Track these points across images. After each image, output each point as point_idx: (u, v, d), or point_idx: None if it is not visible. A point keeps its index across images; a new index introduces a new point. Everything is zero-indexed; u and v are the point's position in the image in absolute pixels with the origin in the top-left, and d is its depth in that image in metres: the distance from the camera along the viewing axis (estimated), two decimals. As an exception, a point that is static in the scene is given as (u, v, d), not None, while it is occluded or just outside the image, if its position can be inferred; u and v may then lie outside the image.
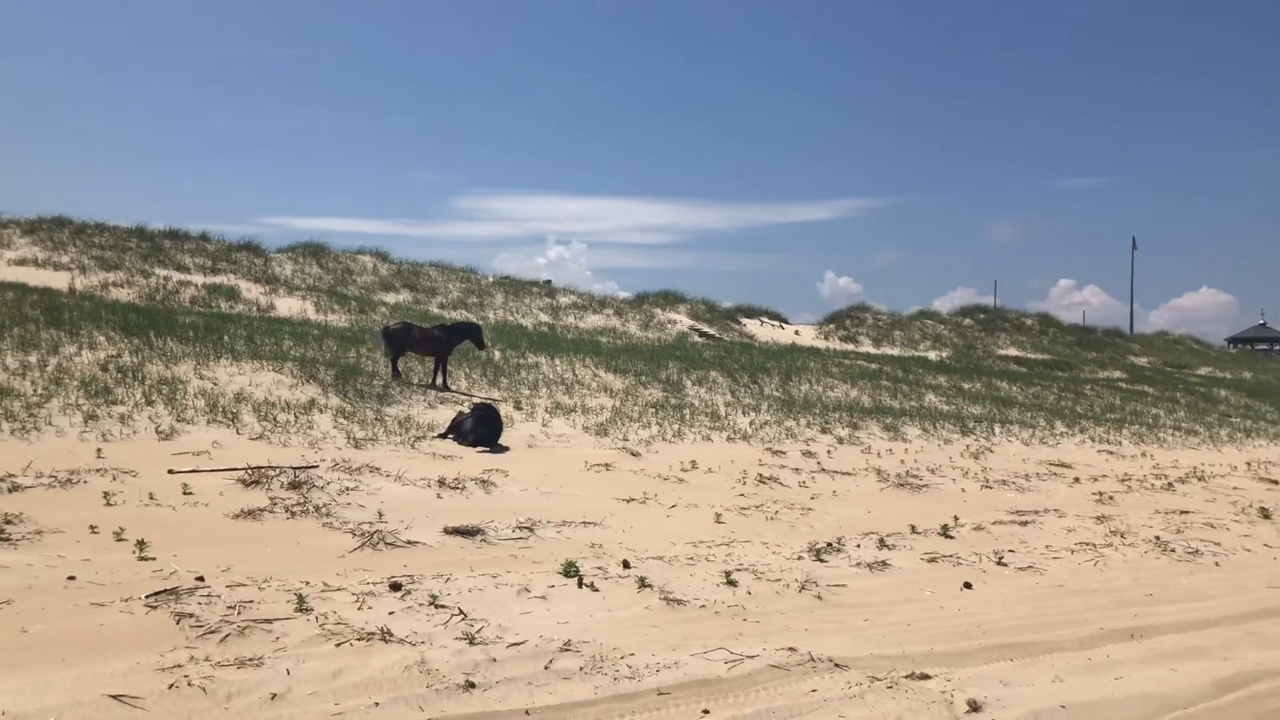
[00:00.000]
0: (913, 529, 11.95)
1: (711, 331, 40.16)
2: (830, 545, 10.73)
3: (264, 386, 16.84)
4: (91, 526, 9.05)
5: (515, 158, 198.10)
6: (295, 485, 11.46)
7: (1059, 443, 22.74)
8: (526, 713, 5.74)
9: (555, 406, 19.07)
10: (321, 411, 15.98)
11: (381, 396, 17.74)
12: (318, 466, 12.55)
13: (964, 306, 60.24)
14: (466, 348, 21.78)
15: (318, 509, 10.63)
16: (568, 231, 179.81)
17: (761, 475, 15.22)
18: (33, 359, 16.09)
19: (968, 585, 9.48)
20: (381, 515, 10.56)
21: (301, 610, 7.06)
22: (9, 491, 10.29)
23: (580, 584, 8.42)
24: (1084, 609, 8.90)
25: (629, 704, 5.97)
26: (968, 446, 20.55)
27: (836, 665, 6.82)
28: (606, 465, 14.90)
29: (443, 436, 15.65)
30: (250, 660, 6.09)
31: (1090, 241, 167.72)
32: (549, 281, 43.58)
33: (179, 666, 5.91)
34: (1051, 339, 56.36)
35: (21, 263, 29.02)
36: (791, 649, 7.07)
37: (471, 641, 6.70)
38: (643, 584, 8.49)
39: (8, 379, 14.90)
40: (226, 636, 6.47)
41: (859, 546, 10.87)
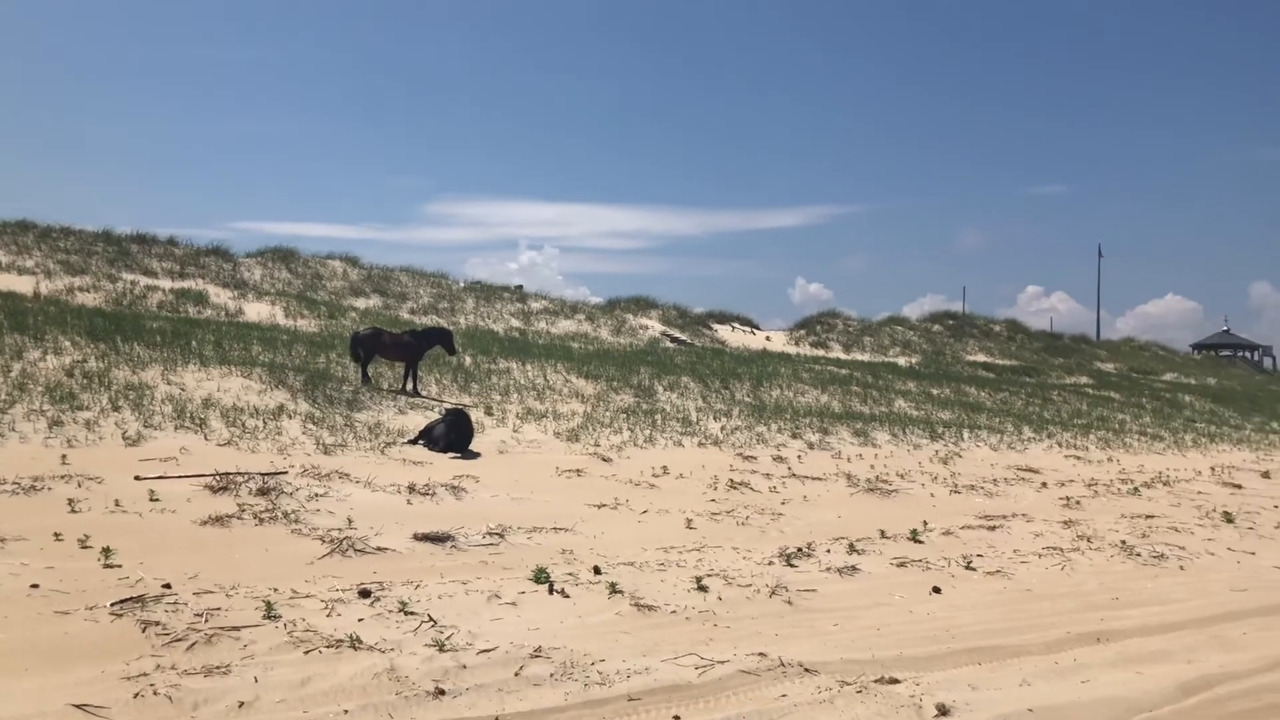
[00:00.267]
0: (882, 534, 12.01)
1: (683, 337, 40.22)
2: (800, 550, 10.77)
3: (232, 392, 16.71)
4: (56, 534, 8.94)
5: (487, 163, 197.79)
6: (264, 491, 11.38)
7: (1027, 448, 22.94)
8: (497, 719, 5.72)
9: (526, 412, 19.04)
10: (290, 417, 15.88)
11: (351, 402, 17.65)
12: (286, 472, 12.46)
13: (933, 313, 60.72)
14: (437, 353, 21.70)
15: (286, 515, 10.56)
16: (540, 236, 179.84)
17: (732, 480, 15.25)
18: (-4, 364, 15.89)
19: (936, 590, 9.54)
20: (351, 521, 10.50)
21: (270, 618, 7.00)
22: (-29, 498, 10.15)
23: (551, 590, 8.40)
24: (1051, 613, 8.98)
25: (600, 710, 5.96)
26: (937, 452, 20.68)
27: (806, 670, 6.85)
28: (578, 471, 14.89)
29: (413, 442, 15.59)
30: (217, 668, 6.04)
31: (1057, 249, 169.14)
32: (520, 287, 43.53)
33: (145, 675, 5.85)
34: (1019, 345, 56.85)
35: (-15, 266, 28.66)
36: (762, 654, 7.10)
37: (441, 648, 6.67)
38: (613, 590, 8.48)
39: (-30, 384, 14.70)
40: (193, 644, 6.41)
41: (829, 551, 10.92)
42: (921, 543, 11.76)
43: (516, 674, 6.37)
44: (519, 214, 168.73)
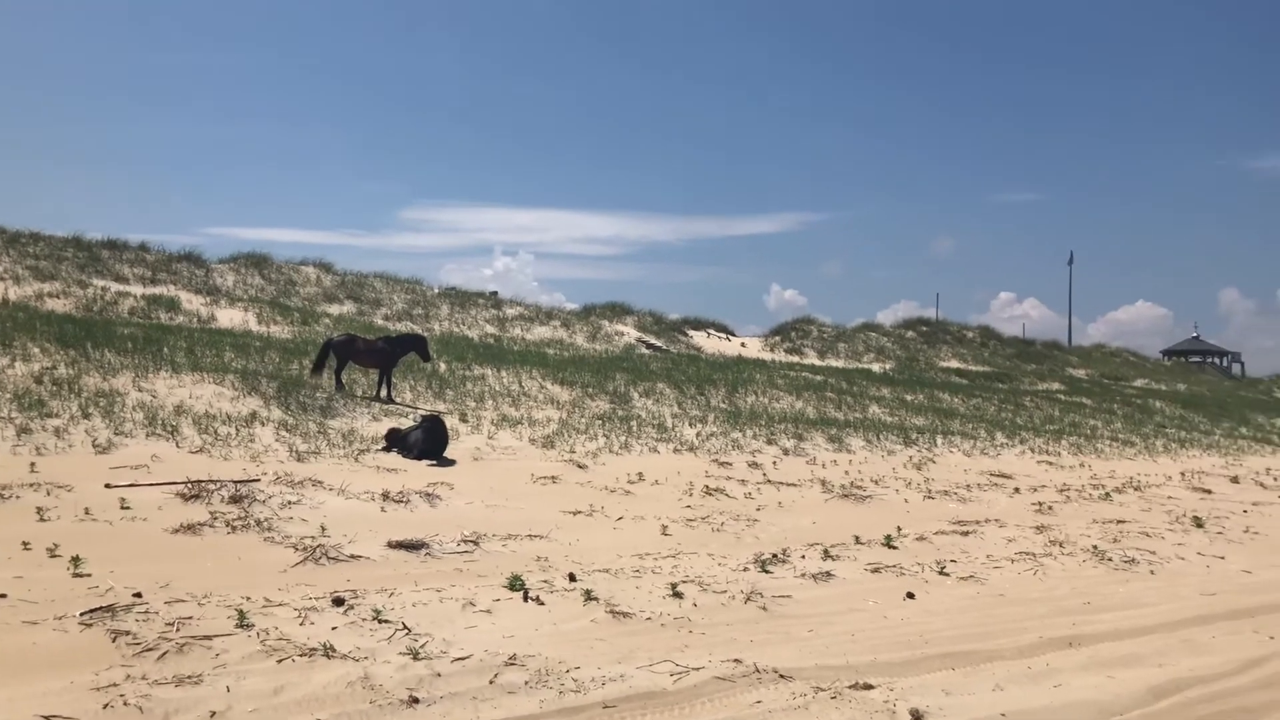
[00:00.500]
0: (857, 539, 12.06)
1: (659, 343, 40.25)
2: (775, 556, 10.79)
3: (204, 399, 16.59)
4: (24, 543, 8.84)
5: (462, 168, 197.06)
6: (236, 499, 11.30)
7: (999, 453, 23.10)
8: (471, 728, 5.71)
9: (501, 419, 18.99)
10: (263, 424, 15.78)
11: (325, 409, 17.55)
12: (259, 480, 12.38)
13: (907, 319, 61.11)
14: (411, 359, 21.63)
15: (259, 523, 10.49)
16: (515, 243, 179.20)
17: (708, 487, 15.27)
18: (-36, 371, 15.71)
19: (910, 595, 9.58)
20: (324, 529, 10.44)
21: (242, 626, 6.95)
22: (-62, 507, 10.04)
23: (526, 597, 8.38)
24: (1024, 618, 9.04)
25: (575, 717, 5.96)
26: (910, 457, 20.79)
27: (781, 676, 6.87)
28: (553, 478, 14.87)
29: (387, 449, 15.52)
30: (189, 678, 5.99)
31: (1029, 255, 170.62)
32: (495, 293, 43.45)
33: (115, 685, 5.80)
34: (992, 351, 57.23)
35: (-48, 272, 28.34)
36: (737, 660, 7.11)
37: (415, 656, 6.65)
38: (589, 597, 8.47)
39: (-63, 391, 14.53)
40: (165, 654, 6.36)
41: (804, 557, 10.95)
42: (895, 548, 11.81)
43: (491, 682, 6.35)
44: (494, 220, 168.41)
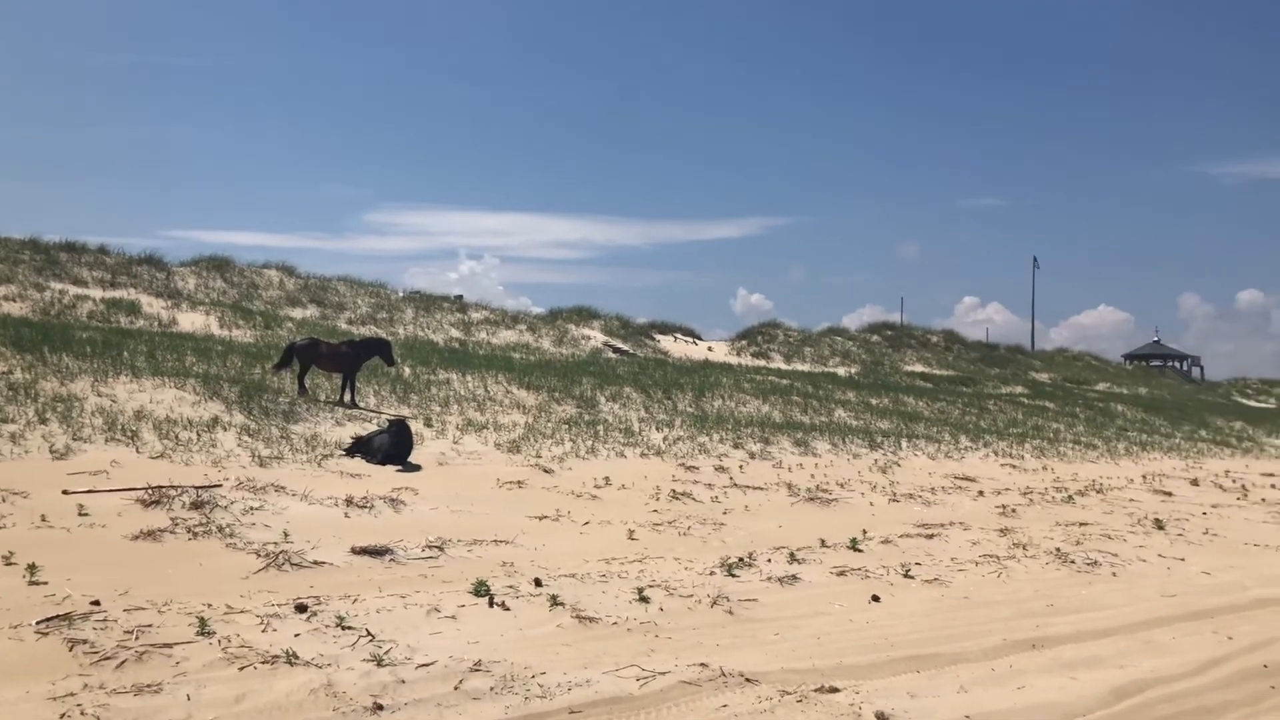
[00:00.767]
0: (822, 543, 12.10)
1: (625, 348, 40.23)
2: (742, 560, 10.81)
3: (165, 404, 16.39)
4: (-21, 550, 8.69)
5: (427, 172, 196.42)
6: (198, 505, 11.17)
7: (964, 457, 23.26)
8: (436, 735, 5.66)
9: (467, 423, 18.90)
10: (225, 429, 15.61)
11: (288, 414, 17.39)
12: (221, 486, 12.25)
13: (872, 323, 61.48)
14: (375, 364, 21.47)
15: (221, 529, 10.37)
16: (480, 246, 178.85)
17: (674, 491, 15.27)
18: (-82, 375, 15.44)
19: (876, 598, 9.62)
20: (287, 535, 10.34)
21: (203, 634, 6.87)
22: (-110, 514, 9.84)
23: (491, 603, 8.34)
24: (988, 620, 9.10)
25: (540, 723, 5.93)
26: (876, 461, 20.89)
27: (747, 680, 6.87)
28: (519, 482, 14.81)
29: (351, 454, 15.39)
30: (148, 687, 5.91)
31: (993, 260, 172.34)
32: (460, 297, 43.25)
33: (72, 695, 5.71)
34: (956, 355, 57.66)
35: (-94, 275, 27.86)
36: (703, 665, 7.10)
37: (380, 663, 6.59)
38: (555, 602, 8.44)
39: (-110, 396, 14.27)
40: (123, 662, 6.26)
41: (770, 561, 10.97)
42: (861, 551, 11.85)
43: (456, 688, 6.31)
44: (460, 223, 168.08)
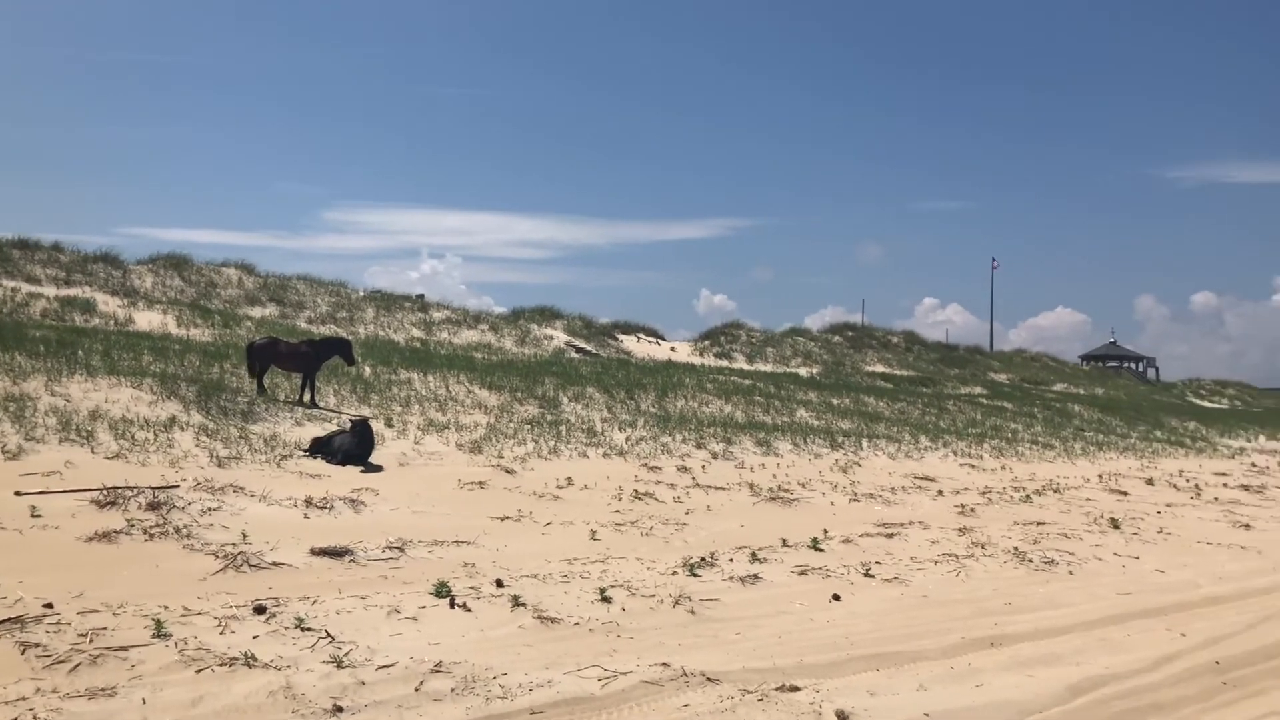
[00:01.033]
0: (784, 542, 12.15)
1: (588, 348, 40.20)
2: (704, 560, 10.83)
3: (121, 403, 16.17)
4: (-71, 552, 8.54)
5: (389, 170, 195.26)
6: (154, 506, 11.02)
7: (923, 457, 23.44)
8: (396, 737, 5.63)
9: (428, 424, 18.80)
10: (183, 429, 15.42)
11: (246, 414, 17.22)
12: (178, 486, 12.10)
13: (834, 324, 61.87)
14: (336, 363, 21.31)
15: (178, 530, 10.25)
16: (442, 245, 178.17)
17: (637, 491, 15.27)
18: None
19: (836, 597, 9.68)
20: (246, 536, 10.24)
21: (159, 636, 6.79)
22: None
23: (452, 604, 8.31)
24: (947, 619, 9.18)
25: (501, 724, 5.91)
26: (837, 461, 21.01)
27: (709, 679, 6.89)
28: (480, 483, 14.75)
29: (311, 454, 15.26)
30: (102, 690, 5.83)
31: (953, 262, 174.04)
32: (422, 296, 43.03)
33: (24, 699, 5.62)
34: (916, 356, 58.14)
35: None
36: (665, 664, 7.11)
37: (339, 665, 6.55)
38: (516, 603, 8.42)
39: None
40: (77, 666, 6.18)
41: (732, 561, 11.00)
42: (822, 551, 11.92)
43: (417, 689, 6.28)
44: (421, 222, 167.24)
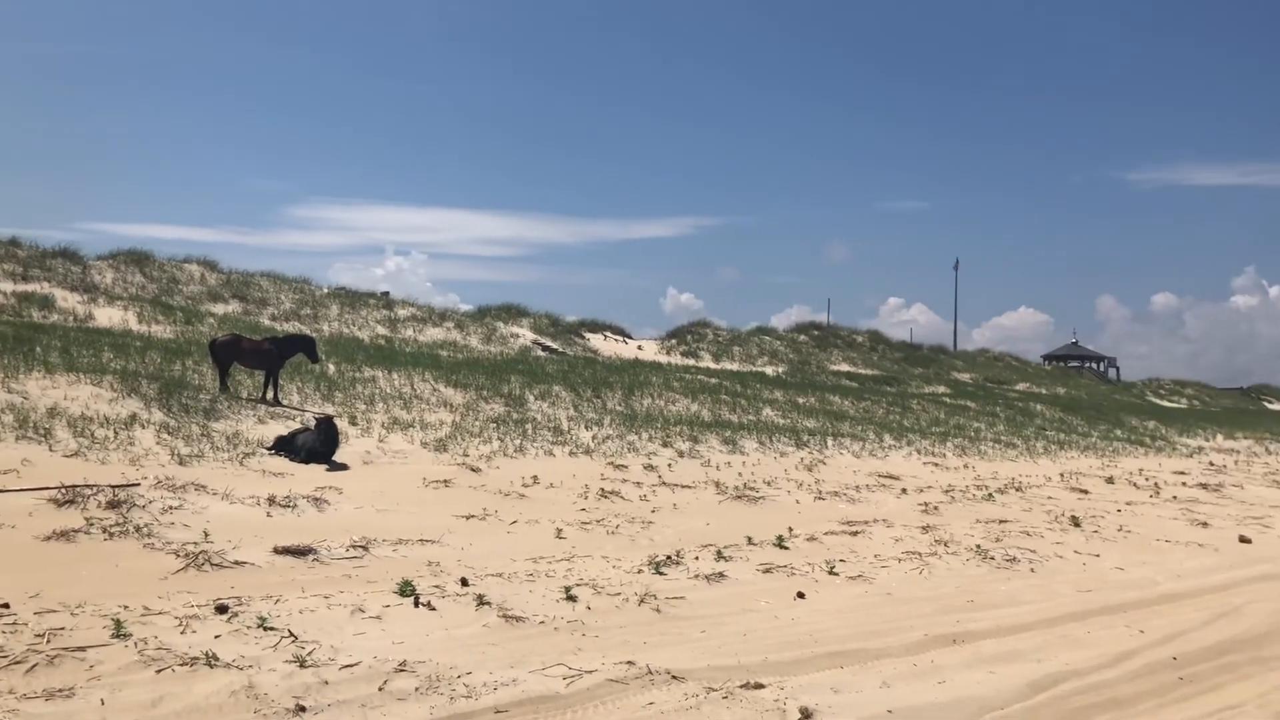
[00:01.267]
0: (749, 540, 12.19)
1: (555, 346, 40.13)
2: (669, 558, 10.85)
3: (81, 400, 15.96)
4: (-118, 552, 8.39)
5: (354, 166, 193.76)
6: (114, 504, 10.89)
7: (887, 455, 23.60)
8: (359, 736, 5.60)
9: (393, 422, 18.70)
10: (144, 427, 15.24)
11: (208, 411, 17.05)
12: (139, 485, 11.96)
13: (799, 323, 62.13)
14: (299, 361, 21.16)
15: (139, 529, 10.13)
16: (408, 242, 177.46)
17: (603, 490, 15.26)
18: None
19: (801, 595, 9.72)
20: (208, 535, 10.14)
21: (119, 636, 6.71)
22: None
23: (417, 603, 8.27)
24: (910, 616, 9.25)
25: (466, 723, 5.90)
26: (802, 459, 21.10)
27: (674, 677, 6.90)
28: (445, 482, 14.69)
29: (274, 452, 15.14)
30: (60, 691, 5.75)
31: (918, 262, 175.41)
32: (387, 293, 42.77)
33: (-20, 700, 5.53)
34: (881, 355, 58.51)
35: None
36: (630, 662, 7.12)
37: (302, 664, 6.50)
38: (481, 602, 8.40)
39: None
40: (34, 667, 6.09)
41: (697, 559, 11.02)
42: (787, 549, 11.97)
43: (380, 689, 6.24)
44: (387, 219, 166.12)
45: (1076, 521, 15.83)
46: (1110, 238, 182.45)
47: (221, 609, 7.58)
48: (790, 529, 13.06)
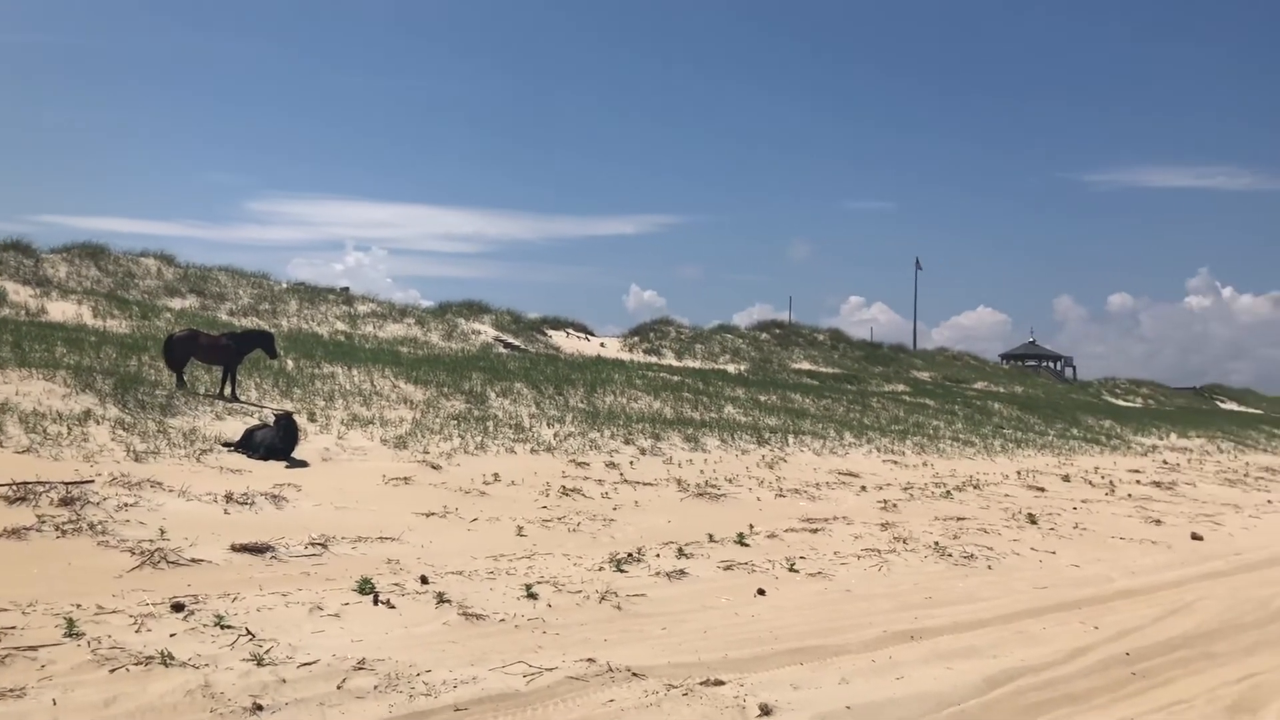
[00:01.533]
0: (710, 538, 12.22)
1: (517, 343, 40.00)
2: (631, 555, 10.86)
3: (33, 396, 15.70)
4: None
5: (313, 160, 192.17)
6: (67, 501, 10.73)
7: (848, 453, 23.74)
8: (317, 735, 5.56)
9: (352, 418, 18.56)
10: (99, 423, 15.02)
11: (165, 407, 16.83)
12: (93, 481, 11.79)
13: (761, 321, 62.29)
14: (257, 356, 20.94)
15: (92, 527, 9.99)
16: (368, 238, 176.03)
17: (565, 487, 15.25)
18: None
19: (761, 592, 9.77)
20: (164, 532, 10.02)
21: (71, 635, 6.61)
22: None
23: (376, 601, 8.22)
24: (869, 613, 9.32)
25: (425, 722, 5.87)
26: (763, 457, 21.18)
27: (634, 675, 6.90)
28: (405, 479, 14.60)
29: (231, 449, 14.98)
30: (11, 691, 5.66)
31: (879, 261, 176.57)
32: (347, 289, 42.41)
33: (-73, 701, 5.44)
34: (841, 354, 58.81)
35: None
36: (590, 660, 7.12)
37: (260, 662, 6.44)
38: (441, 599, 8.37)
39: None
40: (-16, 666, 5.99)
41: (658, 556, 11.04)
42: (748, 546, 12.02)
43: (339, 687, 6.20)
44: (347, 214, 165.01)
45: (1033, 519, 16.02)
46: (1068, 238, 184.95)
47: (177, 607, 7.50)
48: (751, 526, 13.11)
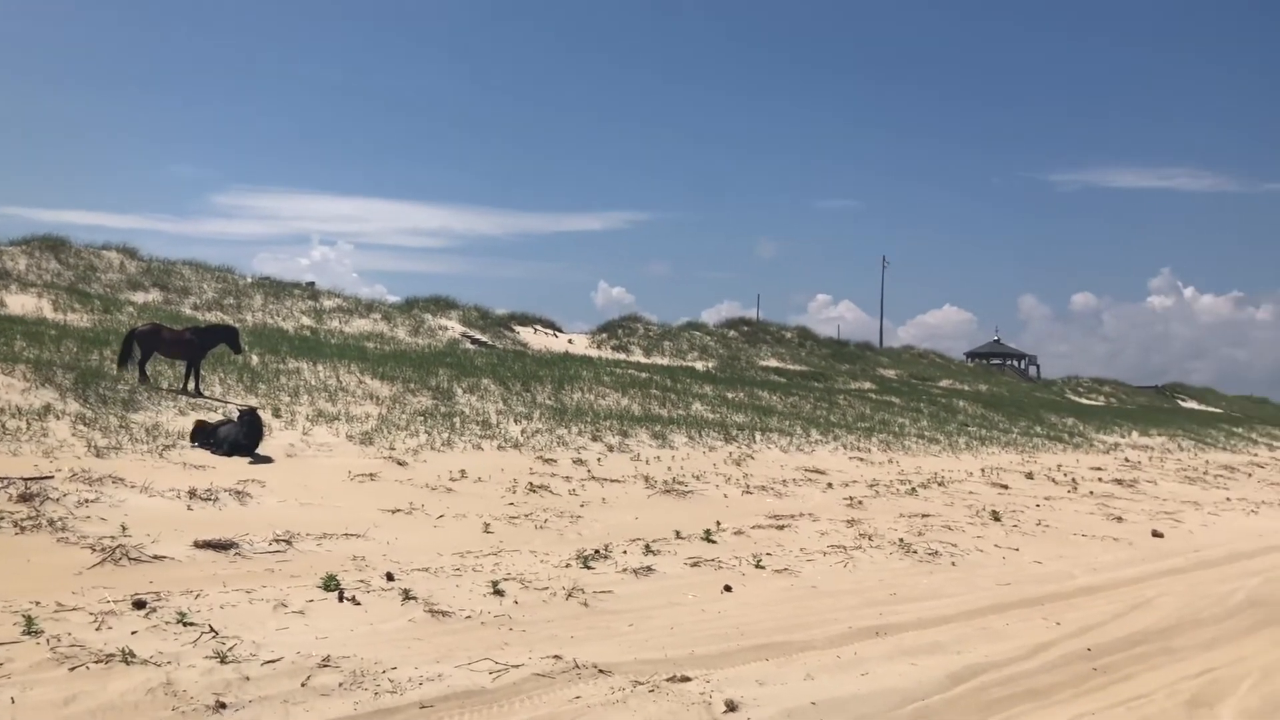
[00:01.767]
0: (678, 534, 12.24)
1: (484, 339, 39.86)
2: (598, 552, 10.85)
3: (-9, 390, 15.47)
4: None
5: (279, 153, 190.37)
6: (26, 497, 10.58)
7: (814, 450, 23.85)
8: (281, 733, 5.52)
9: (317, 414, 18.42)
10: (58, 418, 14.83)
11: (127, 402, 16.64)
12: (53, 477, 11.63)
13: (729, 319, 62.48)
14: (221, 351, 20.74)
15: (52, 523, 9.86)
16: (334, 232, 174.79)
17: (532, 484, 15.21)
18: None
19: (728, 588, 9.80)
20: (125, 529, 9.90)
21: (30, 633, 6.53)
22: None
23: (341, 598, 8.17)
24: (835, 609, 9.37)
25: (390, 718, 5.84)
26: (731, 454, 21.24)
27: (601, 671, 6.91)
28: (371, 475, 14.52)
29: (195, 444, 14.83)
30: (-32, 690, 5.58)
31: (846, 260, 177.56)
32: (312, 283, 42.11)
33: (-118, 700, 5.35)
34: (809, 351, 59.09)
35: None
36: (557, 657, 7.11)
37: (223, 660, 6.38)
38: (407, 596, 8.33)
39: None
40: (-60, 665, 5.90)
41: (626, 553, 11.04)
42: (715, 543, 12.05)
43: (303, 684, 6.16)
44: (312, 208, 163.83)
45: (997, 516, 16.16)
46: (1033, 238, 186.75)
47: (139, 604, 7.42)
48: (718, 523, 13.14)
